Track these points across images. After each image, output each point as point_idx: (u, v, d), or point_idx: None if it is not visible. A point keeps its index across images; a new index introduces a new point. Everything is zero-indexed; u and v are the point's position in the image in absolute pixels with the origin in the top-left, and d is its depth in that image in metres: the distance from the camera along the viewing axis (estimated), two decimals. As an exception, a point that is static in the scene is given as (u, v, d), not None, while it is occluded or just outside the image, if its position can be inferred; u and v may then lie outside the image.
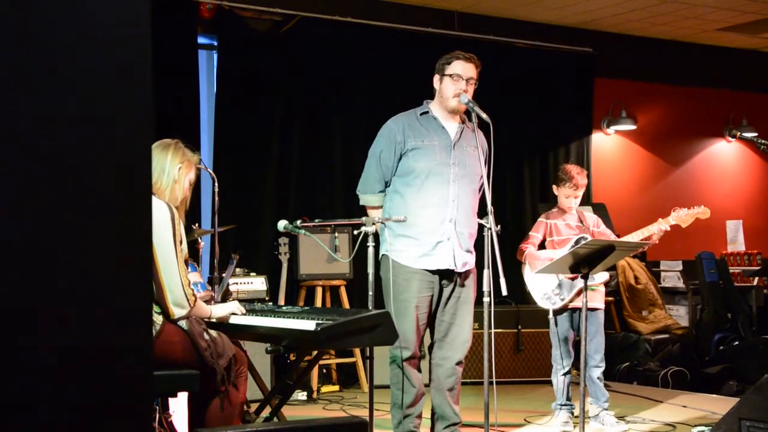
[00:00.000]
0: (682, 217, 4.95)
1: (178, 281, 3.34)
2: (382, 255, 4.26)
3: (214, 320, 3.65)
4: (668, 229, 4.90)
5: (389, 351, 4.19)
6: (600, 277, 5.00)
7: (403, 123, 4.25)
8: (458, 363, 4.27)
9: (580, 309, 4.99)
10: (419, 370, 4.25)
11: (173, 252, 3.35)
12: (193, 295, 3.43)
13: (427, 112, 4.29)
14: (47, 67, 1.37)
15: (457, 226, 4.20)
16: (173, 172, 3.52)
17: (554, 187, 5.18)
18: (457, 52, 4.29)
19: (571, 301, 4.95)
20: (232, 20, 6.75)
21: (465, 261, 4.24)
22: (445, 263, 4.18)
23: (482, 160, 4.14)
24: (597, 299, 5.06)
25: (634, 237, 4.87)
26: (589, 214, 5.28)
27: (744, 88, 9.44)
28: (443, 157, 4.20)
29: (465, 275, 4.27)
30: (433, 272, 4.19)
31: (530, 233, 5.13)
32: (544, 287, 5.01)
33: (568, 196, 5.06)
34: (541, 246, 5.12)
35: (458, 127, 4.29)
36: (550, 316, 5.04)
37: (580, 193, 5.10)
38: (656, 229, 4.87)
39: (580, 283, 4.90)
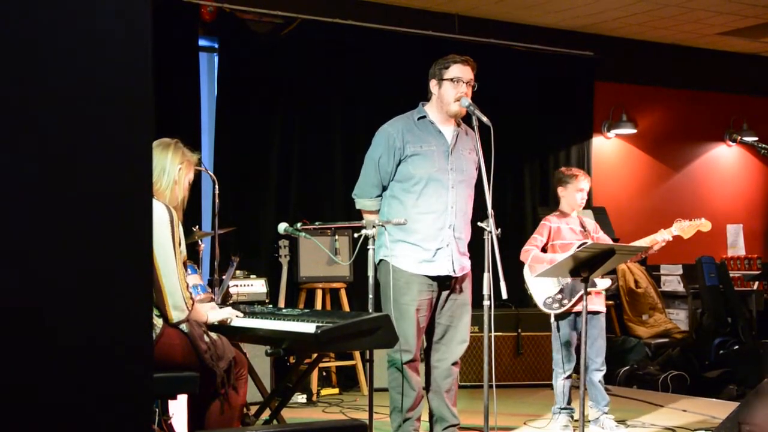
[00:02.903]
0: (684, 228, 4.99)
1: (177, 284, 3.33)
2: (380, 260, 4.25)
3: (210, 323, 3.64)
4: (670, 239, 4.96)
5: (388, 354, 4.19)
6: (602, 283, 5.01)
7: (401, 128, 4.22)
8: (454, 363, 4.28)
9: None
10: (417, 373, 4.25)
11: (172, 255, 3.34)
12: (191, 298, 3.42)
13: (424, 117, 4.26)
14: (47, 68, 1.37)
15: (455, 232, 4.21)
16: (173, 172, 3.51)
17: (560, 189, 5.14)
18: (452, 56, 4.26)
19: (573, 305, 4.95)
20: (233, 23, 6.75)
21: (462, 265, 4.27)
22: (445, 269, 4.20)
23: (476, 162, 4.13)
24: (599, 303, 5.08)
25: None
26: (588, 219, 5.29)
27: (744, 92, 9.44)
28: (442, 163, 4.19)
29: (462, 279, 4.29)
30: (433, 278, 4.20)
31: (534, 235, 5.11)
32: (547, 291, 5.02)
33: (581, 189, 5.08)
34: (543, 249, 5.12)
35: (454, 130, 4.27)
36: (552, 320, 5.04)
37: (588, 187, 5.12)
38: (660, 238, 4.91)
39: (581, 287, 4.91)
